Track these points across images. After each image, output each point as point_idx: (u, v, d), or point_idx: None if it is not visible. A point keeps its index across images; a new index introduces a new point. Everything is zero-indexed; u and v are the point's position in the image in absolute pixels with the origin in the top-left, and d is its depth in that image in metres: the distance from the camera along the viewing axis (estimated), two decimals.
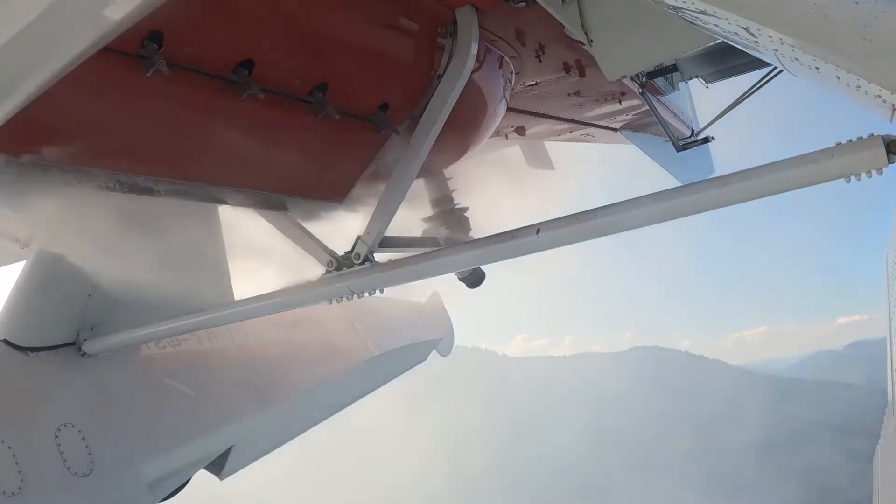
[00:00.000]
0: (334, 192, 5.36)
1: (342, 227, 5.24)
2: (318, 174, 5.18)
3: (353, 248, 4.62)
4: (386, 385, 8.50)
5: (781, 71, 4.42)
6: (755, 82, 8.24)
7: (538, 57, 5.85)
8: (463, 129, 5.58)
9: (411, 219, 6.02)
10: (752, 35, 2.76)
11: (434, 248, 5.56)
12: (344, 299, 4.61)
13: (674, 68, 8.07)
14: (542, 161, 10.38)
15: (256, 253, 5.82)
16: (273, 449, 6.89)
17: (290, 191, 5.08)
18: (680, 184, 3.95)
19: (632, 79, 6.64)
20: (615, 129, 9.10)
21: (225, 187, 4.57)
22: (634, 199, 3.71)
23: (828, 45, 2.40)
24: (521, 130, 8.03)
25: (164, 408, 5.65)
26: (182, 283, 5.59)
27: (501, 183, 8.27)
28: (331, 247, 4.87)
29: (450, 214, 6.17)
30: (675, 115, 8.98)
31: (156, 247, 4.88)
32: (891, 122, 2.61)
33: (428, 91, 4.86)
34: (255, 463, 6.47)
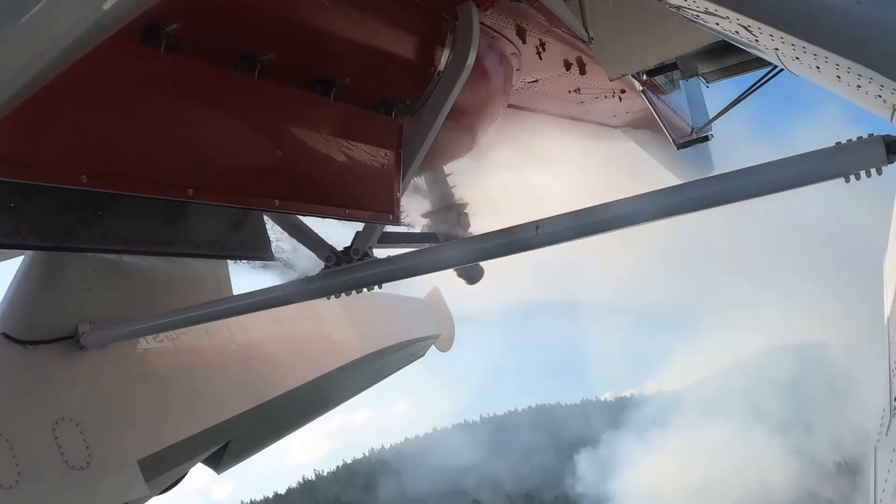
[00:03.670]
0: None
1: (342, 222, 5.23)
2: None
3: (353, 243, 4.62)
4: None
5: (782, 70, 4.42)
6: (756, 81, 8.24)
7: (539, 54, 5.83)
8: (464, 126, 5.57)
9: (411, 215, 6.02)
10: (753, 34, 2.75)
11: (433, 245, 5.55)
12: (343, 295, 4.61)
13: (674, 66, 8.06)
14: None
15: None
16: (270, 444, 6.89)
17: None
18: (679, 182, 3.96)
19: (633, 76, 6.64)
20: (615, 127, 9.09)
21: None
22: (633, 196, 3.71)
23: (829, 43, 2.40)
24: None
25: (162, 402, 5.64)
26: (181, 278, 5.58)
27: None
28: (330, 242, 4.87)
29: (449, 210, 6.17)
30: (676, 112, 8.97)
31: None
32: (891, 122, 2.61)
33: (429, 87, 4.85)
34: None
